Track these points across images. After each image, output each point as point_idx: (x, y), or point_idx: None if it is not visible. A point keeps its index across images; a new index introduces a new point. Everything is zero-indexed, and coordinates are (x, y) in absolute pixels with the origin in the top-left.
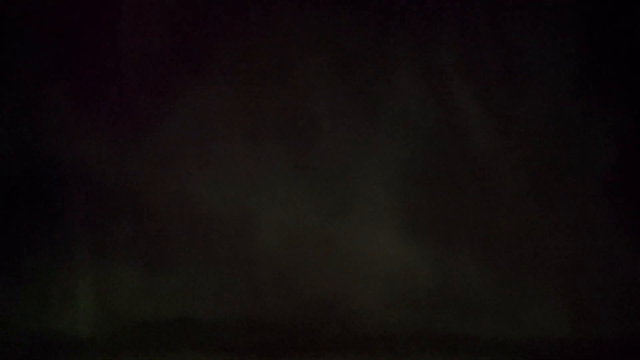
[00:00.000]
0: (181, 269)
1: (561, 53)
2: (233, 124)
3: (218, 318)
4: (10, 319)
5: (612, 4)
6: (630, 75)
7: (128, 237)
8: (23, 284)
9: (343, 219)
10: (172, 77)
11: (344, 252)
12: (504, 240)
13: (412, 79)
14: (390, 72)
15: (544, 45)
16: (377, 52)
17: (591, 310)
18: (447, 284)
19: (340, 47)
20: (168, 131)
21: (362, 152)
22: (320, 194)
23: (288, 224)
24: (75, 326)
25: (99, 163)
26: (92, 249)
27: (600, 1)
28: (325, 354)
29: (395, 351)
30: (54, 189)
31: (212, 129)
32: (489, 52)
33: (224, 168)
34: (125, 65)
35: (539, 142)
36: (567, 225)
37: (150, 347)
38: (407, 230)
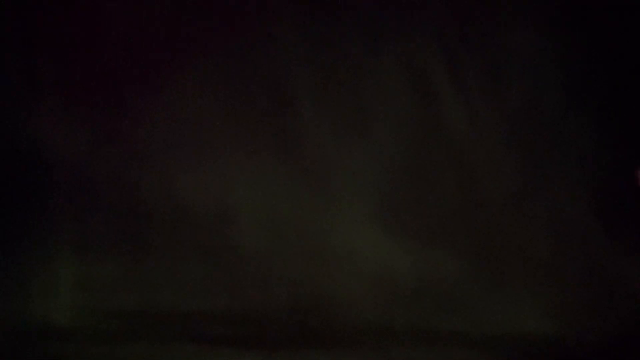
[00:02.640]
0: (164, 260)
1: (543, 51)
2: (218, 118)
3: (200, 310)
4: None
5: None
6: (611, 72)
7: (111, 228)
8: (3, 276)
9: (326, 214)
10: (161, 72)
11: (327, 246)
12: (486, 236)
13: (397, 77)
14: (376, 71)
15: (529, 46)
16: (364, 54)
17: (572, 307)
18: (429, 279)
19: (327, 49)
20: (153, 124)
21: (346, 148)
22: (304, 189)
23: (271, 218)
24: (57, 317)
25: (83, 155)
26: (74, 239)
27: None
28: (307, 347)
29: (377, 345)
30: (36, 180)
31: (197, 123)
32: (476, 56)
33: (208, 160)
34: (114, 60)
35: (523, 142)
36: (548, 221)
37: (132, 338)
38: (390, 225)
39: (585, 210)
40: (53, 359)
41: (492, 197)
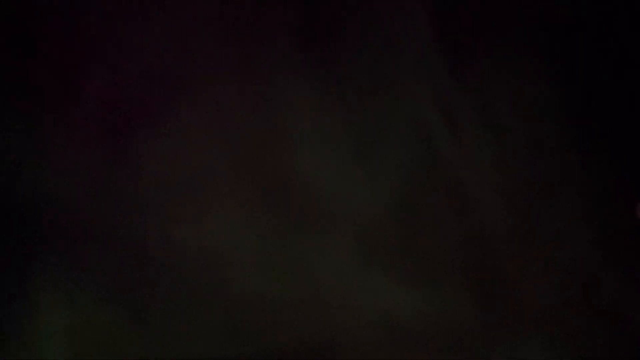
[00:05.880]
0: (162, 309)
1: (539, 87)
2: (214, 165)
3: (200, 358)
4: None
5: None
6: (610, 108)
7: (109, 276)
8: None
9: (327, 259)
10: (159, 123)
11: (325, 290)
12: (487, 273)
13: (393, 119)
14: (371, 113)
15: (524, 83)
16: (361, 97)
17: (575, 341)
18: (431, 319)
19: (326, 93)
20: (152, 174)
21: (346, 189)
22: (299, 233)
23: (269, 263)
24: None
25: (83, 203)
26: (70, 288)
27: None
28: None
29: None
30: (36, 229)
31: (194, 171)
32: (470, 95)
33: (205, 207)
34: (115, 110)
35: (527, 179)
36: (550, 261)
37: None
38: (391, 267)
39: (587, 246)
40: None
41: (492, 234)
